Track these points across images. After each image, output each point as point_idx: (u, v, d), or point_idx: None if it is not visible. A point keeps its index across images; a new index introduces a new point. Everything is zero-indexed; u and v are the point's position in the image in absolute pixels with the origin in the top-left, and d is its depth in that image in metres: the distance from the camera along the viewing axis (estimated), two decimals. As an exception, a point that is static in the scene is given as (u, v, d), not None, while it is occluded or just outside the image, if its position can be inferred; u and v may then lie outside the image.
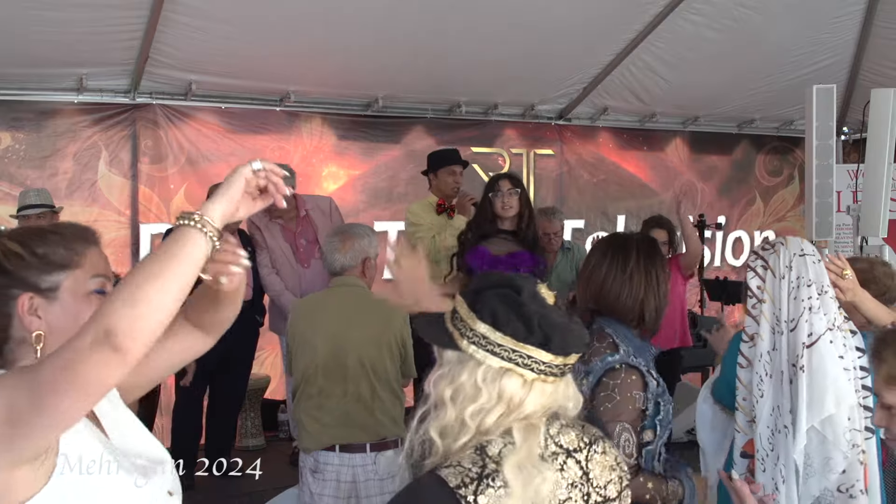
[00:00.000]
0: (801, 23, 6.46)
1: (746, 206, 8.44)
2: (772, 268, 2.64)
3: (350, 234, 3.72)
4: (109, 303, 1.26)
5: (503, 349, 1.47)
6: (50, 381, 1.22)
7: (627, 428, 2.30)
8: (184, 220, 1.35)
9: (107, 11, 4.98)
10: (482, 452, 1.44)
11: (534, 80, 6.74)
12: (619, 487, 1.56)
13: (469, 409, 1.46)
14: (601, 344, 2.41)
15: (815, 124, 4.78)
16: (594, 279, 2.48)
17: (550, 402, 1.52)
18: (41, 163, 5.76)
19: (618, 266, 2.45)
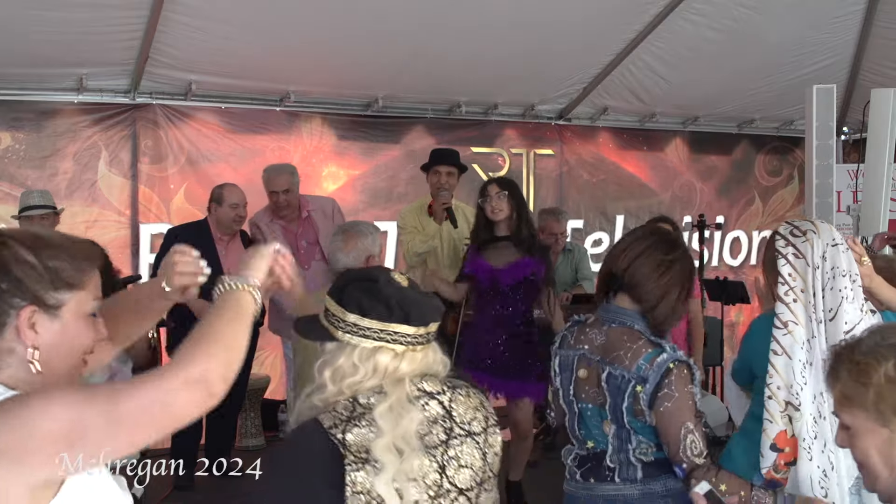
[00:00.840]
0: (801, 23, 6.46)
1: (745, 206, 8.44)
2: (805, 256, 2.62)
3: (353, 233, 3.69)
4: (196, 349, 1.42)
5: (372, 331, 1.73)
6: (134, 416, 1.31)
7: (691, 429, 2.31)
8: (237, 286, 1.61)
9: (107, 11, 4.99)
10: (354, 401, 1.72)
11: (534, 80, 6.74)
12: (485, 424, 1.81)
13: (347, 382, 1.72)
14: (635, 343, 2.41)
15: (815, 124, 4.79)
16: (630, 252, 2.48)
17: (423, 367, 1.79)
18: (41, 163, 5.76)
19: (660, 251, 2.47)
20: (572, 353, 2.57)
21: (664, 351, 2.38)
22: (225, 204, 5.30)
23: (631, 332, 2.46)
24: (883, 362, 1.64)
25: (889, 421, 1.63)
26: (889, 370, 1.63)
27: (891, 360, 1.64)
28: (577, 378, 2.53)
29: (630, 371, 2.39)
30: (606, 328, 2.51)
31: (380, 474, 1.64)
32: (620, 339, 2.45)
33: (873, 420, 1.64)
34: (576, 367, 2.54)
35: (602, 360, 2.47)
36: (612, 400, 2.43)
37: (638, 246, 2.49)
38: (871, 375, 1.64)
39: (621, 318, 2.49)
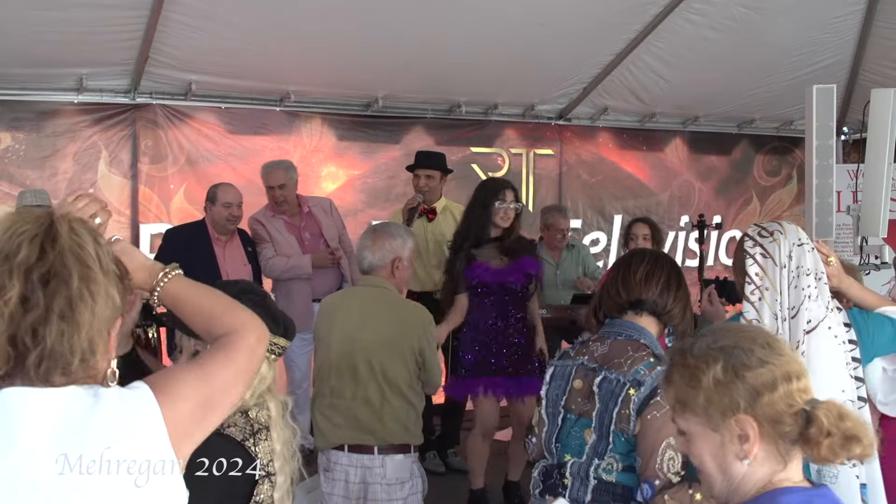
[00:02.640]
0: (801, 23, 6.46)
1: (743, 205, 8.45)
2: (772, 256, 2.72)
3: (382, 233, 3.65)
4: (241, 311, 1.62)
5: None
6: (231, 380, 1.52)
7: (671, 443, 2.27)
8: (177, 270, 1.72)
9: (107, 11, 4.98)
10: (246, 416, 2.01)
11: (534, 80, 6.74)
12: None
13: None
14: (638, 353, 2.43)
15: (815, 124, 4.77)
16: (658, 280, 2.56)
17: (275, 373, 2.16)
18: (41, 163, 5.75)
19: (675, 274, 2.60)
20: (570, 364, 2.57)
21: (662, 364, 2.37)
22: (218, 203, 5.32)
23: (636, 343, 2.47)
24: (712, 365, 1.59)
25: (718, 426, 1.58)
26: (717, 373, 1.58)
27: (719, 363, 1.58)
28: (572, 388, 2.53)
29: (626, 375, 2.39)
30: (611, 340, 2.52)
31: (278, 484, 1.95)
32: (624, 349, 2.46)
33: (704, 425, 1.60)
34: (573, 377, 2.54)
35: (599, 367, 2.47)
36: (601, 405, 2.41)
37: (661, 273, 2.56)
38: (700, 379, 1.59)
39: (629, 332, 2.50)
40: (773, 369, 1.56)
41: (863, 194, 5.04)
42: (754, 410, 1.55)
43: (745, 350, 1.58)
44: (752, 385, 1.55)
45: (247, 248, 5.48)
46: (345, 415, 3.45)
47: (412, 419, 3.51)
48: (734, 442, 1.56)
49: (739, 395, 1.55)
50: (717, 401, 1.57)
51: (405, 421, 3.48)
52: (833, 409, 1.53)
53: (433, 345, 3.60)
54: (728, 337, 1.63)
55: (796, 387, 1.56)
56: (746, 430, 1.55)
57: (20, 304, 1.30)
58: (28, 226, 1.35)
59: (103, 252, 1.41)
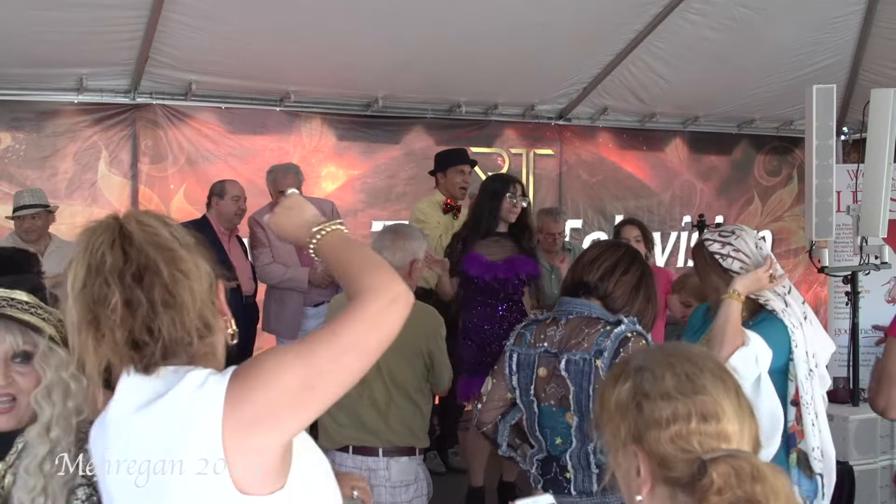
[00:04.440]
0: (801, 23, 6.46)
1: (744, 205, 8.45)
2: (742, 249, 2.91)
3: (402, 234, 3.62)
4: (376, 276, 1.48)
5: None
6: (357, 342, 1.38)
7: None
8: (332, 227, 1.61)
9: (107, 11, 4.98)
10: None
11: (534, 80, 6.74)
12: None
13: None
14: (593, 328, 2.51)
15: (815, 124, 4.77)
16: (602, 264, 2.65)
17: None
18: (41, 163, 5.76)
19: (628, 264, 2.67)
20: (532, 352, 2.62)
21: (622, 323, 2.47)
22: (227, 197, 5.36)
23: (589, 319, 2.55)
24: (621, 384, 1.41)
25: (618, 454, 1.40)
26: (621, 394, 1.40)
27: (627, 383, 1.40)
28: (538, 377, 2.58)
29: (589, 351, 2.45)
30: (564, 321, 2.59)
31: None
32: (578, 327, 2.54)
33: (609, 444, 1.43)
34: (536, 365, 2.59)
35: (560, 351, 2.53)
36: (575, 387, 2.46)
37: (608, 258, 2.66)
38: (606, 394, 1.43)
39: (579, 309, 2.58)
40: (675, 405, 1.34)
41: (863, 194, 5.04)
42: (643, 444, 1.36)
43: (657, 377, 1.38)
44: (645, 417, 1.36)
45: (243, 247, 5.54)
46: (350, 414, 3.41)
47: (418, 422, 3.48)
48: (631, 472, 1.38)
49: (631, 423, 1.37)
50: (615, 424, 1.40)
51: (411, 423, 3.45)
52: (743, 468, 1.27)
53: (443, 346, 3.58)
54: (654, 357, 1.43)
55: (699, 429, 1.33)
56: (639, 464, 1.36)
57: (126, 308, 1.36)
58: (102, 235, 1.43)
59: (176, 230, 1.46)
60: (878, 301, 6.54)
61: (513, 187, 4.71)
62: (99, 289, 1.37)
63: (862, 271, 5.05)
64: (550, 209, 6.46)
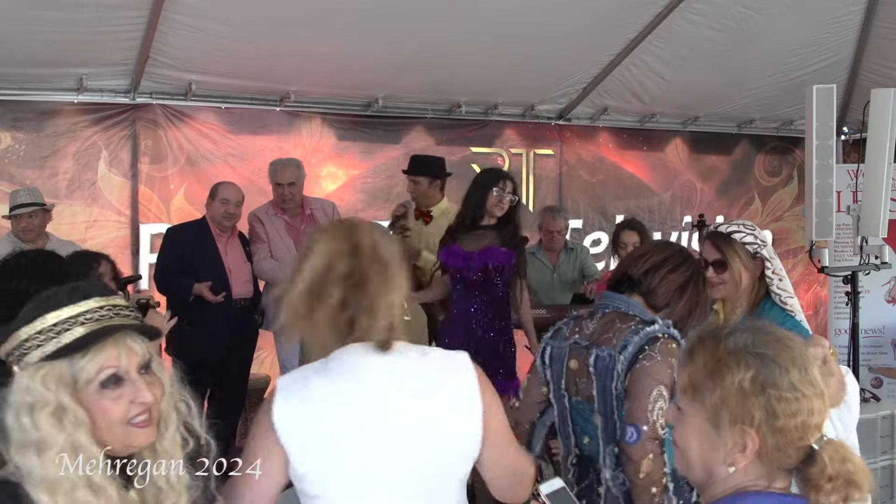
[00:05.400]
0: (801, 23, 6.46)
1: (745, 205, 8.45)
2: (766, 241, 2.91)
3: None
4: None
5: None
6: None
7: (664, 394, 2.26)
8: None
9: (107, 11, 4.98)
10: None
11: (534, 80, 6.74)
12: None
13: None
14: (626, 324, 2.43)
15: (815, 124, 4.77)
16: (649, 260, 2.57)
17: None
18: (41, 163, 5.75)
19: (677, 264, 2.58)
20: (565, 345, 2.57)
21: (655, 323, 2.40)
22: (216, 199, 5.34)
23: (623, 315, 2.47)
24: (744, 370, 1.49)
25: (722, 429, 1.50)
26: (745, 380, 1.49)
27: (751, 371, 1.49)
28: (568, 369, 2.53)
29: (615, 347, 2.39)
30: (600, 315, 2.53)
31: None
32: (612, 323, 2.47)
33: (707, 419, 1.52)
34: (567, 358, 2.54)
35: (591, 345, 2.47)
36: (599, 383, 2.41)
37: (655, 255, 2.57)
38: (724, 377, 1.50)
39: (616, 304, 2.52)
40: (800, 399, 1.48)
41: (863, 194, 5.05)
42: (763, 430, 1.48)
43: (782, 368, 1.50)
44: (774, 407, 1.47)
45: (245, 248, 5.49)
46: None
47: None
48: (729, 447, 1.50)
49: (757, 410, 1.48)
50: (733, 405, 1.49)
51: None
52: (839, 451, 1.49)
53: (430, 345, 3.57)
54: (770, 345, 1.52)
55: (814, 422, 1.50)
56: (747, 444, 1.48)
57: (339, 306, 1.78)
58: (342, 244, 1.81)
59: (394, 247, 1.87)
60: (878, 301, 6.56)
61: (502, 182, 4.61)
62: (325, 286, 1.78)
63: (862, 271, 5.05)
64: (551, 207, 6.47)
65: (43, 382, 1.46)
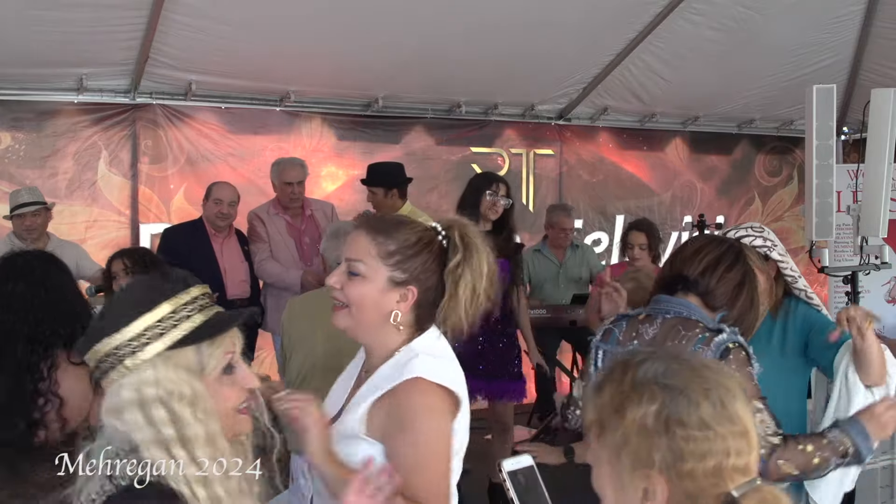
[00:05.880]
0: (801, 23, 6.46)
1: (745, 205, 8.45)
2: (776, 241, 2.90)
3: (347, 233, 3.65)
4: None
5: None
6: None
7: (760, 408, 2.20)
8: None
9: (107, 11, 4.98)
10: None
11: (534, 80, 6.73)
12: None
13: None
14: (691, 330, 2.35)
15: (815, 124, 4.76)
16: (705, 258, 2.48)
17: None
18: (41, 163, 5.75)
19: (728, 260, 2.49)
20: (621, 351, 2.46)
21: (723, 332, 2.31)
22: (210, 199, 5.35)
23: (687, 321, 2.38)
24: (646, 403, 1.28)
25: (625, 473, 1.29)
26: (648, 416, 1.27)
27: (655, 405, 1.28)
28: None
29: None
30: (660, 320, 2.43)
31: None
32: (675, 329, 2.37)
33: (612, 462, 1.32)
34: None
35: None
36: None
37: (710, 252, 2.47)
38: (626, 412, 1.29)
39: (677, 309, 2.42)
40: (712, 438, 1.26)
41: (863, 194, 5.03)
42: (670, 475, 1.26)
43: (692, 402, 1.27)
44: (680, 447, 1.26)
45: (243, 248, 5.48)
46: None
47: None
48: (638, 494, 1.29)
49: (660, 451, 1.26)
50: (634, 446, 1.28)
51: None
52: (768, 499, 1.27)
53: None
54: (681, 375, 1.30)
55: (732, 465, 1.26)
56: (655, 491, 1.27)
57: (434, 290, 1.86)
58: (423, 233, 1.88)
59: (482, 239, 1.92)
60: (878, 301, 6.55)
61: (495, 185, 4.62)
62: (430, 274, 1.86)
63: (862, 271, 5.03)
64: (563, 205, 6.51)
65: (175, 372, 1.41)
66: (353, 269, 1.85)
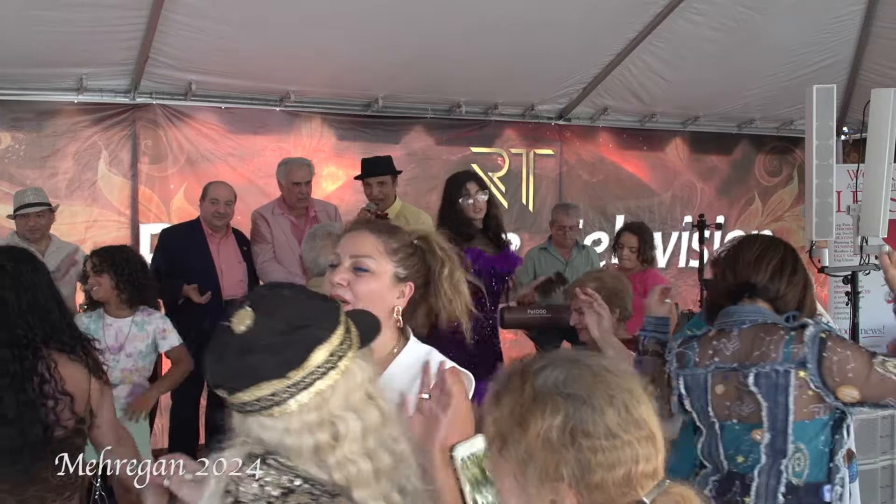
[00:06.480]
0: (801, 23, 6.46)
1: (745, 205, 8.45)
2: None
3: (335, 235, 3.63)
4: None
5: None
6: None
7: (880, 360, 2.23)
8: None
9: (107, 11, 4.98)
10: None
11: (534, 80, 6.73)
12: None
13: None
14: (775, 334, 2.33)
15: (815, 124, 4.76)
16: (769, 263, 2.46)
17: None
18: (41, 163, 5.75)
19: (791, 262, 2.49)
20: (702, 371, 2.42)
21: (807, 325, 2.30)
22: (206, 199, 5.34)
23: (766, 326, 2.36)
24: (550, 416, 1.22)
25: (532, 487, 1.23)
26: (552, 429, 1.21)
27: (559, 417, 1.21)
28: (714, 395, 2.39)
29: (779, 362, 2.28)
30: (737, 332, 2.40)
31: None
32: (757, 336, 2.35)
33: (517, 476, 1.25)
34: (711, 384, 2.41)
35: (742, 365, 2.34)
36: (769, 402, 2.29)
37: (773, 256, 2.46)
38: (529, 426, 1.23)
39: (751, 317, 2.40)
40: (620, 447, 1.21)
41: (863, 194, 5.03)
42: (580, 488, 1.20)
43: (597, 410, 1.22)
44: (588, 459, 1.20)
45: (242, 248, 5.45)
46: None
47: None
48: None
49: (568, 465, 1.20)
50: (541, 460, 1.21)
51: None
52: (676, 501, 1.23)
53: None
54: (583, 382, 1.24)
55: (641, 471, 1.22)
56: (564, 503, 1.22)
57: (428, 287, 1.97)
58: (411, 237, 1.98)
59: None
60: (878, 301, 6.54)
61: (464, 189, 4.52)
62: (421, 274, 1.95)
63: (862, 271, 5.03)
64: (565, 204, 6.49)
65: (364, 390, 1.39)
66: (362, 265, 1.86)
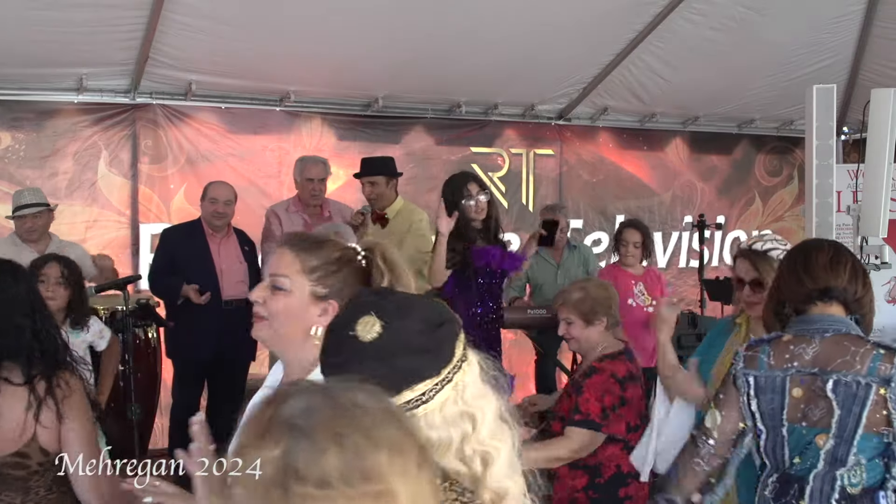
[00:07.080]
0: (801, 23, 6.46)
1: (745, 206, 8.45)
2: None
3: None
4: None
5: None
6: None
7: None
8: None
9: (107, 11, 4.99)
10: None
11: (534, 80, 6.73)
12: None
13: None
14: (862, 347, 2.33)
15: (815, 124, 4.77)
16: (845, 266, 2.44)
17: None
18: (41, 163, 5.76)
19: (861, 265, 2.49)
20: (779, 374, 2.39)
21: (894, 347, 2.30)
22: (206, 199, 5.33)
23: (851, 337, 2.36)
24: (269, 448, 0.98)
25: None
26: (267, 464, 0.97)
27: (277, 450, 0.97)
28: (791, 398, 2.38)
29: (863, 374, 2.27)
30: (819, 339, 2.38)
31: None
32: (841, 345, 2.34)
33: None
34: (788, 387, 2.38)
35: (822, 370, 2.33)
36: (842, 411, 2.29)
37: (847, 259, 2.46)
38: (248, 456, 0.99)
39: (836, 326, 2.38)
40: (334, 499, 0.94)
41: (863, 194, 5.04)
42: None
43: (316, 449, 0.96)
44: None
45: (243, 248, 5.43)
46: None
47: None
48: None
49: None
50: (255, 501, 0.97)
51: None
52: None
53: None
54: (320, 413, 0.99)
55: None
56: None
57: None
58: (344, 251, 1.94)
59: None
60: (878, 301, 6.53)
61: (466, 190, 4.52)
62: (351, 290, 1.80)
63: (862, 271, 5.04)
64: (552, 205, 6.48)
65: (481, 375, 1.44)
66: (277, 284, 1.85)
